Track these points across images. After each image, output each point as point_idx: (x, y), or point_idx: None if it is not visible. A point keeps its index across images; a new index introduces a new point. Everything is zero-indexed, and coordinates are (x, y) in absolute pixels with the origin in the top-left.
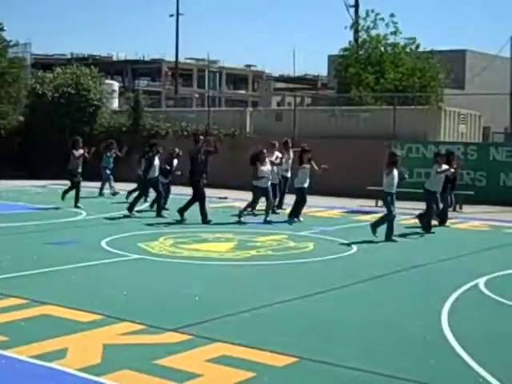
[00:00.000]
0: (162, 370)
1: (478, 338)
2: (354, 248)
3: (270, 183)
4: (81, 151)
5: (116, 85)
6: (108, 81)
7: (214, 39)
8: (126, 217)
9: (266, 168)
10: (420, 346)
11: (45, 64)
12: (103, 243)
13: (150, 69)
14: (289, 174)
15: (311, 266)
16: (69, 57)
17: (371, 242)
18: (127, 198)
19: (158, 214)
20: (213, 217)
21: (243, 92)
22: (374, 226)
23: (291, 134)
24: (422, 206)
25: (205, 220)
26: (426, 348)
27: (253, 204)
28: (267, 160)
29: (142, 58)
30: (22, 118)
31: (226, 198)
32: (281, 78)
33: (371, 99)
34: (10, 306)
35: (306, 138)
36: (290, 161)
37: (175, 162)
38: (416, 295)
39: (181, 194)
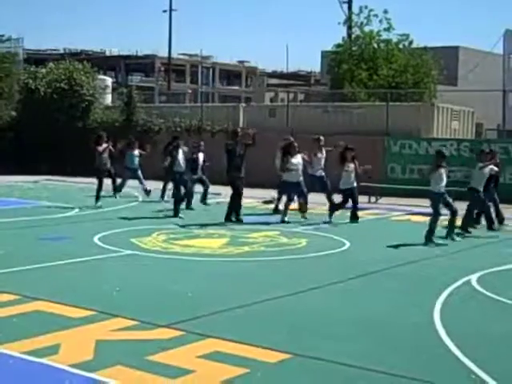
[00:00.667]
0: (155, 366)
1: (470, 334)
2: (347, 244)
3: (301, 178)
4: (104, 145)
5: (109, 80)
6: (101, 76)
7: (207, 35)
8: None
9: (297, 161)
10: (412, 342)
11: (37, 59)
12: (96, 239)
13: (143, 64)
14: (323, 173)
15: (304, 262)
16: (62, 52)
17: (364, 238)
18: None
19: (176, 215)
20: (206, 212)
21: (236, 88)
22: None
23: (285, 129)
24: (416, 201)
25: (228, 217)
26: (418, 344)
27: (288, 201)
28: (298, 153)
29: (135, 54)
30: (14, 114)
31: (219, 194)
32: (274, 74)
33: (364, 95)
34: (1, 302)
35: (300, 134)
36: (323, 160)
37: (201, 155)
38: (408, 291)
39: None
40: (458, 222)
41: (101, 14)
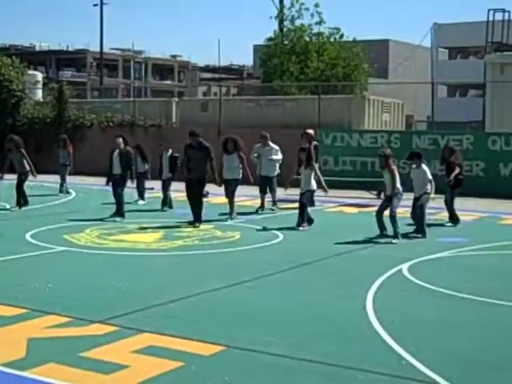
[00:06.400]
0: (89, 362)
1: (401, 322)
2: (280, 237)
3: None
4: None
5: (39, 75)
6: (31, 71)
7: (138, 29)
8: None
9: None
10: (346, 331)
11: None
12: (28, 236)
13: (74, 59)
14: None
15: (238, 255)
16: None
17: (297, 230)
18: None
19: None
20: (142, 207)
21: (169, 82)
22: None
23: (217, 123)
24: (349, 193)
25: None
26: (351, 333)
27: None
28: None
29: (65, 49)
30: None
31: (152, 188)
32: (206, 68)
33: (296, 89)
34: None
35: (232, 128)
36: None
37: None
38: (340, 282)
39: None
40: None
41: (30, 8)
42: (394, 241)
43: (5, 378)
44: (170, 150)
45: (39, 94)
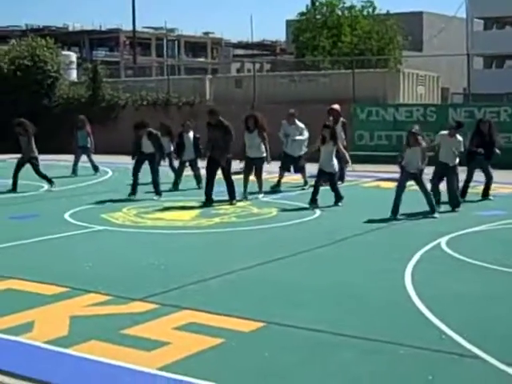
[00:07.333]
0: (130, 340)
1: (440, 296)
2: (317, 212)
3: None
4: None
5: (73, 56)
6: (65, 52)
7: (171, 7)
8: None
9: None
10: (384, 306)
11: None
12: (66, 216)
13: (107, 39)
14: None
15: (274, 231)
16: (24, 28)
17: (334, 206)
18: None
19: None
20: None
21: (202, 60)
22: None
23: (251, 100)
24: (384, 168)
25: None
26: (389, 308)
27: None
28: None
29: (98, 28)
30: None
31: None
32: (239, 45)
33: (328, 63)
34: None
35: (266, 104)
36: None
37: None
38: (378, 257)
39: None
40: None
41: None
42: (435, 215)
43: (49, 355)
44: (192, 131)
45: (74, 75)
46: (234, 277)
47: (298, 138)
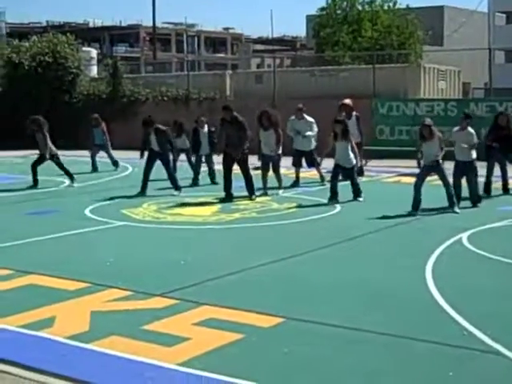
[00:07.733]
0: (151, 335)
1: (461, 292)
2: (338, 208)
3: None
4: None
5: (94, 52)
6: (85, 48)
7: (190, 3)
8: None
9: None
10: (406, 302)
11: (20, 33)
12: (87, 211)
13: (127, 35)
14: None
15: (295, 227)
16: (45, 25)
17: (354, 201)
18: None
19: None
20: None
21: (222, 55)
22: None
23: (271, 95)
24: (405, 163)
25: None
26: (411, 303)
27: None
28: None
29: (118, 24)
30: None
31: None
32: (259, 40)
33: (348, 58)
34: None
35: (287, 99)
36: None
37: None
38: (399, 252)
39: None
40: None
41: None
42: (457, 210)
43: (70, 351)
44: (206, 126)
45: (94, 71)
46: (253, 272)
47: (308, 133)
